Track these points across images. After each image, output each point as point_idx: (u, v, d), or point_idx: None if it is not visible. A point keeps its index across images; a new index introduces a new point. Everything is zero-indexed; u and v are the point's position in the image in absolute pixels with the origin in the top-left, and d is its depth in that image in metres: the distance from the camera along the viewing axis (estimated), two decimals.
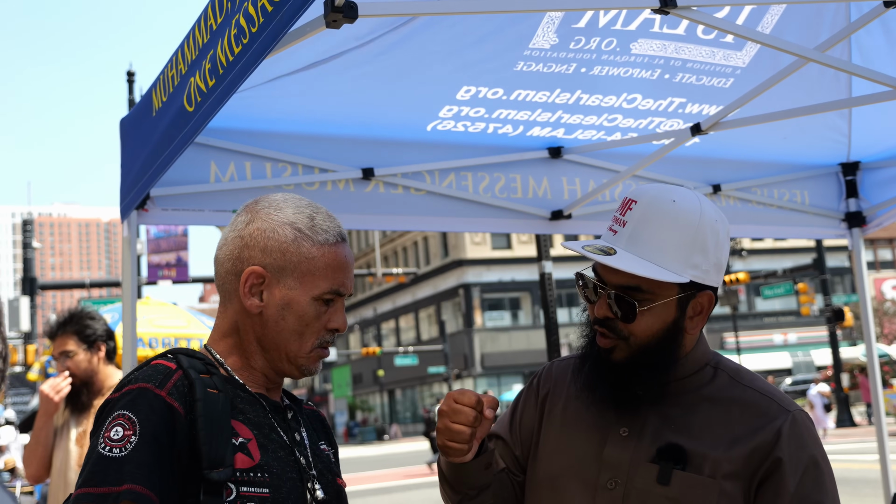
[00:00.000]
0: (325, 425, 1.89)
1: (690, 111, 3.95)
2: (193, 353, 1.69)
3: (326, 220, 1.74)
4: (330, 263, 1.70)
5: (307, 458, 1.70)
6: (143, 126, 3.01)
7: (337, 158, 3.88)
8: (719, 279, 1.89)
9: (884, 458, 4.43)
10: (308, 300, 1.68)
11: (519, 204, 4.23)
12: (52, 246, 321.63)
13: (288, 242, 1.69)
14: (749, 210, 4.60)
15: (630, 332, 1.83)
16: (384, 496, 19.31)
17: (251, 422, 1.65)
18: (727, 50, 3.61)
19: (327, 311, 1.71)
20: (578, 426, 1.95)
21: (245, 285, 1.68)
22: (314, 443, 1.77)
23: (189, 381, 1.59)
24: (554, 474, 1.96)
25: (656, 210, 1.82)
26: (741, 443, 1.80)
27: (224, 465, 1.55)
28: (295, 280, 1.68)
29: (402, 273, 33.05)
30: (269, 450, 1.64)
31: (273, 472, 1.61)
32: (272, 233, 1.69)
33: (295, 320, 1.68)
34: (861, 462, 17.46)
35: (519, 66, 3.47)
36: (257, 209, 1.73)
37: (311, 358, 1.72)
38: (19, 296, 27.22)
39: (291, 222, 1.70)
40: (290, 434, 1.70)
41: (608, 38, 3.39)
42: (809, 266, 33.24)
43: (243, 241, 1.70)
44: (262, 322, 1.69)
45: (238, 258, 1.70)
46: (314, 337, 1.71)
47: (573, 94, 3.71)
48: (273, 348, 1.70)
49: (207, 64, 2.34)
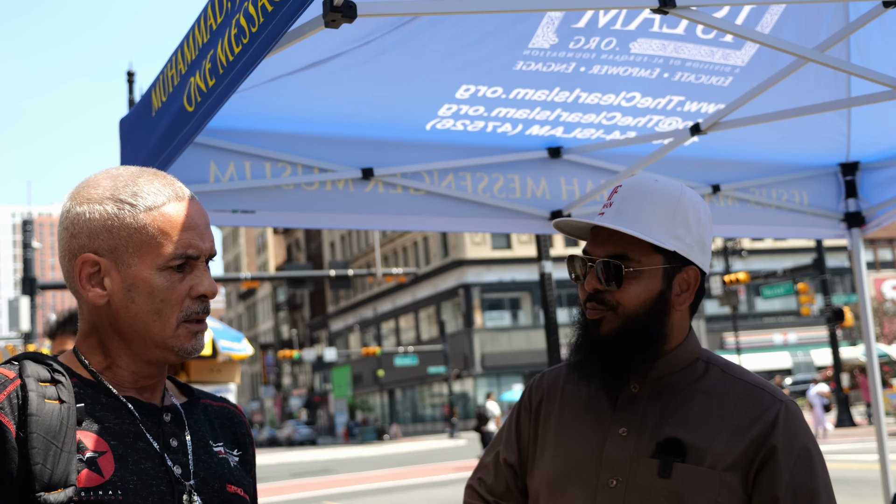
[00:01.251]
0: (233, 424, 1.70)
1: (689, 109, 3.95)
2: (43, 357, 1.51)
3: (152, 181, 1.54)
4: (165, 227, 1.50)
5: (185, 467, 1.51)
6: (143, 126, 3.01)
7: (336, 158, 3.89)
8: (705, 260, 1.95)
9: (884, 458, 4.43)
10: (153, 273, 1.49)
11: (518, 204, 4.23)
12: (52, 246, 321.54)
13: (111, 218, 1.50)
14: (748, 210, 4.60)
15: (618, 301, 1.88)
16: (384, 496, 19.32)
17: (110, 431, 1.46)
18: (726, 49, 3.61)
19: (184, 278, 1.52)
20: (576, 428, 1.97)
21: (81, 278, 1.50)
22: (203, 447, 1.58)
23: (24, 394, 1.40)
24: (553, 478, 1.97)
25: (639, 187, 1.95)
26: (738, 433, 1.83)
27: (66, 486, 1.36)
28: (131, 256, 1.49)
29: (402, 273, 33.03)
30: (130, 461, 1.45)
31: (129, 488, 1.42)
32: (92, 213, 1.50)
33: (146, 299, 1.49)
34: (861, 462, 17.46)
35: (518, 66, 3.47)
36: (76, 193, 1.54)
37: (181, 335, 1.52)
38: (19, 296, 27.22)
39: (111, 195, 1.51)
40: (164, 440, 1.51)
41: (608, 38, 3.40)
42: (809, 266, 33.25)
43: (69, 233, 1.52)
44: (113, 312, 1.50)
45: (70, 251, 1.52)
46: (176, 311, 1.51)
47: (572, 93, 3.71)
48: (135, 337, 1.51)
49: (207, 64, 2.34)
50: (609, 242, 1.90)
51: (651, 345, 1.89)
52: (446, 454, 33.05)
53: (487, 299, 55.42)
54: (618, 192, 1.95)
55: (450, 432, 48.91)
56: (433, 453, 34.74)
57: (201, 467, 1.54)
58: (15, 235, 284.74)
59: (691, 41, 3.53)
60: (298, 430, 69.63)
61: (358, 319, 69.83)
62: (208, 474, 1.54)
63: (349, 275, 29.41)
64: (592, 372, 1.92)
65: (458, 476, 22.30)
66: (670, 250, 1.89)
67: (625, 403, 1.92)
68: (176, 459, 1.51)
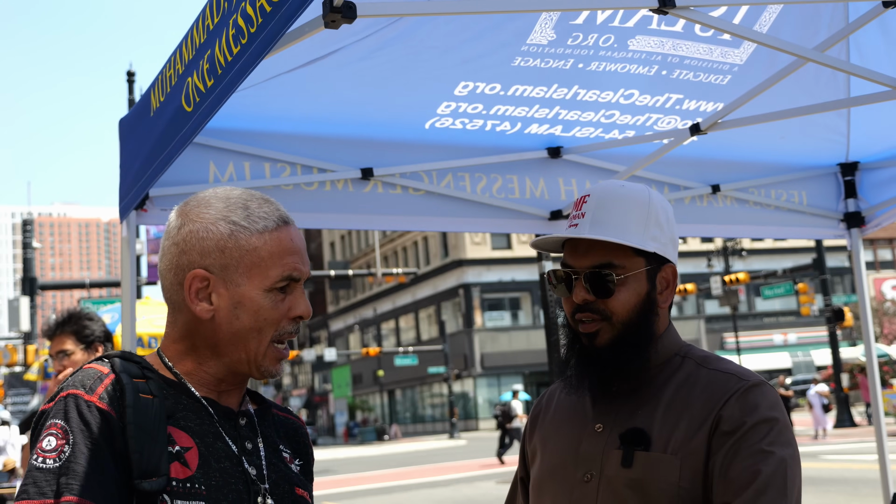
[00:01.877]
0: (297, 434, 1.78)
1: (688, 108, 3.95)
2: (130, 356, 1.61)
3: (262, 205, 1.62)
4: (275, 250, 1.59)
5: (259, 469, 1.60)
6: (142, 126, 3.01)
7: (336, 158, 3.89)
8: (675, 255, 2.00)
9: (883, 458, 4.43)
10: (260, 293, 1.57)
11: (518, 204, 4.23)
12: (52, 246, 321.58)
13: (224, 238, 1.58)
14: (748, 210, 4.60)
15: (611, 310, 1.90)
16: (384, 496, 19.31)
17: (192, 430, 1.55)
18: (725, 47, 3.61)
19: (285, 299, 1.60)
20: (561, 431, 2.02)
21: (190, 292, 1.58)
22: (274, 451, 1.66)
23: (121, 386, 1.51)
24: (539, 479, 2.03)
25: (608, 195, 1.96)
26: (699, 417, 1.85)
27: (158, 475, 1.46)
28: (241, 276, 1.57)
29: (402, 273, 33.05)
30: (211, 460, 1.54)
31: (212, 484, 1.51)
32: (206, 232, 1.58)
33: (250, 318, 1.57)
34: (861, 462, 17.45)
35: (516, 62, 3.47)
36: (187, 211, 1.62)
37: (269, 356, 1.60)
38: (19, 296, 27.23)
39: (224, 216, 1.59)
40: (240, 443, 1.60)
41: (606, 35, 3.40)
42: (809, 266, 33.26)
43: (179, 248, 1.60)
44: (216, 326, 1.58)
45: (178, 266, 1.60)
46: (273, 330, 1.59)
47: (570, 90, 3.71)
48: (231, 351, 1.59)
49: (205, 64, 2.34)
50: (591, 252, 1.92)
51: (644, 346, 1.92)
52: (446, 454, 33.04)
53: (487, 299, 55.41)
54: (587, 202, 1.96)
55: (450, 432, 48.90)
56: (433, 453, 34.73)
57: (273, 470, 1.62)
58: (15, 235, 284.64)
59: (690, 38, 3.53)
60: None
61: (358, 319, 69.82)
62: (279, 477, 1.63)
63: (349, 275, 29.44)
64: (585, 382, 1.94)
65: (458, 476, 22.30)
66: (650, 252, 1.92)
67: (602, 402, 1.96)
68: (251, 461, 1.59)
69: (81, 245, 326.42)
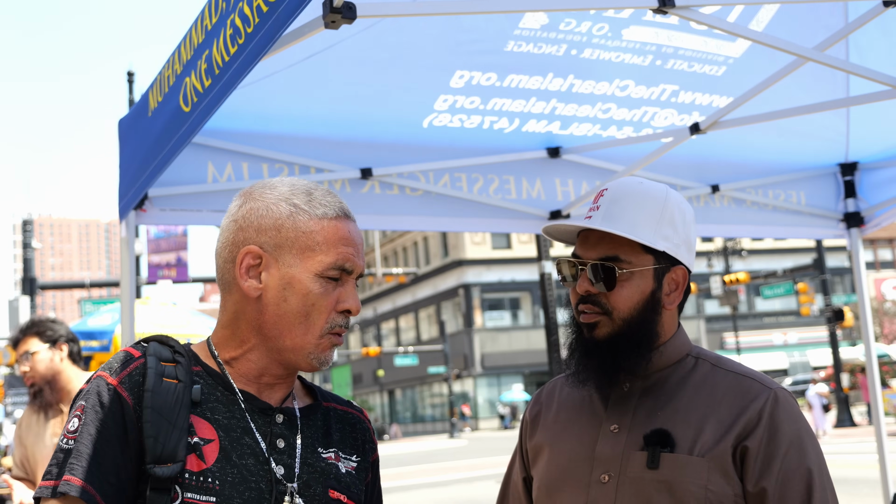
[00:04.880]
0: (355, 430, 1.73)
1: (683, 101, 3.94)
2: (167, 339, 1.59)
3: (326, 195, 1.62)
4: (331, 237, 1.57)
5: (290, 468, 1.55)
6: (141, 126, 3.01)
7: (334, 158, 3.89)
8: (691, 259, 1.98)
9: (883, 458, 4.43)
10: (311, 277, 1.55)
11: (517, 204, 4.23)
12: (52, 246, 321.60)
13: (283, 218, 1.57)
14: (747, 210, 4.60)
15: (612, 305, 1.90)
16: (384, 496, 19.27)
17: (219, 422, 1.52)
18: (720, 40, 3.62)
19: (335, 290, 1.57)
20: (570, 430, 2.00)
21: (241, 267, 1.56)
22: (312, 451, 1.61)
23: (145, 370, 1.50)
24: (549, 479, 2.00)
25: (625, 190, 1.96)
26: (726, 421, 1.85)
27: (174, 461, 1.44)
28: (294, 257, 1.55)
29: (402, 273, 33.02)
30: (233, 455, 1.50)
31: (227, 481, 1.48)
32: (266, 210, 1.58)
33: (298, 300, 1.54)
34: (861, 462, 17.45)
35: (510, 46, 3.45)
36: (251, 191, 1.63)
37: (322, 345, 1.56)
38: (19, 296, 27.28)
39: (287, 198, 1.59)
40: (272, 440, 1.56)
41: (600, 24, 3.40)
42: (809, 266, 33.22)
43: (237, 225, 1.59)
44: (262, 307, 1.56)
45: (233, 243, 1.59)
46: (322, 319, 1.55)
47: (566, 80, 3.70)
48: (276, 336, 1.56)
49: (203, 64, 2.33)
50: (600, 245, 1.92)
51: (645, 345, 1.91)
52: (446, 454, 33.04)
53: (487, 299, 55.40)
54: (604, 195, 1.97)
55: (450, 432, 48.91)
56: (433, 453, 34.73)
57: (306, 470, 1.57)
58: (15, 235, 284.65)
59: (685, 30, 3.53)
60: None
61: (358, 319, 69.81)
62: (312, 478, 1.57)
63: None
64: (588, 375, 1.93)
65: (458, 476, 22.30)
66: (660, 251, 1.91)
67: (616, 401, 1.94)
68: (280, 460, 1.55)
69: (81, 245, 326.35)
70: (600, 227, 1.90)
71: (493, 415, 54.78)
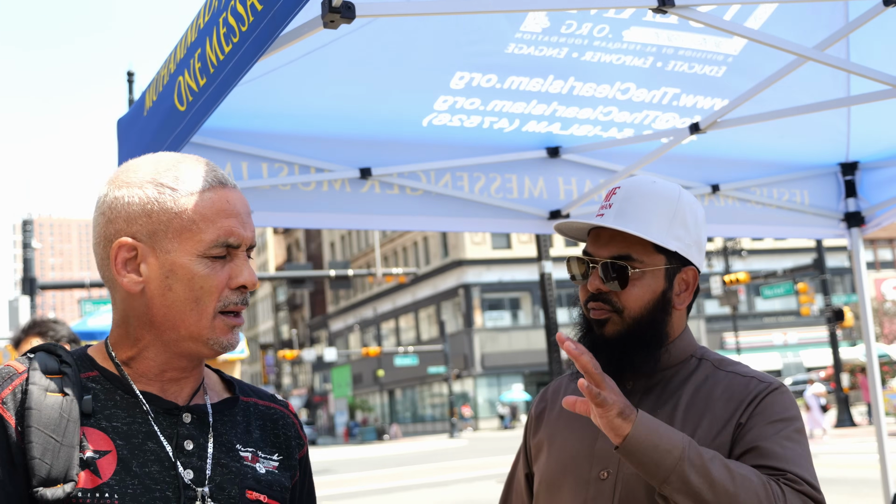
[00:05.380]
0: (277, 426, 1.61)
1: (685, 104, 3.94)
2: (54, 348, 1.47)
3: (196, 166, 1.49)
4: (207, 212, 1.45)
5: (200, 471, 1.44)
6: (138, 126, 3.00)
7: (334, 158, 3.87)
8: (701, 259, 1.99)
9: (884, 458, 4.42)
10: (193, 259, 1.43)
11: (516, 204, 4.22)
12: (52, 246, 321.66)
13: (151, 201, 1.44)
14: (748, 210, 4.59)
15: (623, 304, 1.90)
16: (384, 496, 19.31)
17: (118, 430, 1.41)
18: (718, 37, 3.61)
19: (224, 267, 1.46)
20: (572, 428, 2.00)
21: (117, 262, 1.44)
22: (226, 451, 1.50)
23: (27, 387, 1.37)
24: (551, 476, 2.01)
25: (638, 189, 1.96)
26: (721, 418, 1.86)
27: (65, 481, 1.32)
28: (171, 241, 1.43)
29: (402, 273, 32.99)
30: (133, 465, 1.39)
31: (127, 493, 1.36)
32: (132, 197, 1.45)
33: (184, 287, 1.43)
34: (861, 462, 17.45)
35: (510, 49, 3.45)
36: (115, 178, 1.49)
37: (218, 327, 1.46)
38: (19, 296, 27.28)
39: (151, 179, 1.46)
40: (178, 442, 1.44)
41: (600, 25, 3.39)
42: (809, 266, 33.23)
43: (105, 217, 1.47)
44: (148, 300, 1.44)
45: (105, 237, 1.46)
46: (214, 300, 1.45)
47: (566, 82, 3.69)
48: (168, 328, 1.45)
49: (197, 63, 2.32)
50: (612, 243, 1.92)
51: (655, 344, 1.91)
52: (446, 454, 33.04)
53: (487, 299, 55.40)
54: (616, 193, 1.96)
55: (450, 432, 48.91)
56: (433, 453, 34.73)
57: (219, 472, 1.47)
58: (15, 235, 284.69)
59: (684, 29, 3.53)
60: None
61: (358, 319, 69.82)
62: (226, 480, 1.47)
63: (349, 275, 29.38)
64: None
65: (458, 476, 22.29)
66: (671, 250, 1.91)
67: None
68: (189, 463, 1.44)
69: (81, 245, 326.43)
70: (613, 226, 1.89)
71: (493, 415, 54.80)
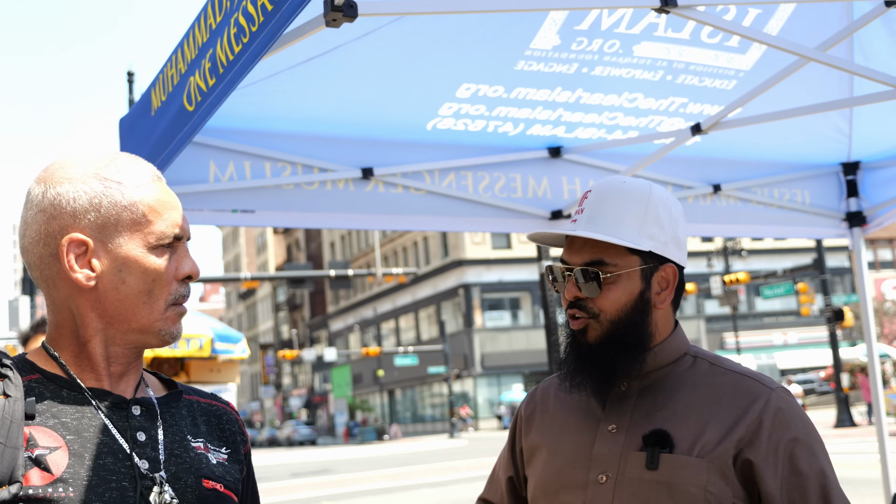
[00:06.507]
0: (221, 422, 1.63)
1: (692, 111, 3.94)
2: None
3: (133, 161, 1.51)
4: (156, 205, 1.47)
5: (155, 461, 1.45)
6: (143, 126, 3.00)
7: (336, 158, 3.88)
8: (681, 255, 1.96)
9: (884, 458, 4.42)
10: (145, 251, 1.45)
11: (518, 204, 4.22)
12: None
13: (98, 195, 1.44)
14: (749, 210, 4.59)
15: (599, 308, 1.89)
16: (384, 496, 19.31)
17: (68, 426, 1.41)
18: (731, 53, 3.61)
19: (172, 259, 1.48)
20: (567, 432, 1.99)
21: (67, 259, 1.43)
22: (178, 441, 1.51)
23: None
24: (547, 481, 1.99)
25: (608, 191, 1.95)
26: (727, 422, 1.84)
27: (11, 482, 1.32)
28: (122, 234, 1.45)
29: (402, 273, 32.99)
30: (87, 457, 1.39)
31: (83, 485, 1.37)
32: (76, 192, 1.44)
33: (138, 279, 1.45)
34: (861, 462, 17.45)
35: (520, 66, 3.47)
36: (51, 175, 1.48)
37: (169, 318, 1.48)
38: (19, 296, 27.27)
39: (95, 173, 1.46)
40: (131, 434, 1.45)
41: (611, 41, 3.39)
42: (809, 266, 33.23)
43: (47, 215, 1.45)
44: (100, 294, 1.45)
45: (48, 235, 1.45)
46: (166, 292, 1.47)
47: (574, 93, 3.71)
48: (121, 320, 1.46)
49: (207, 63, 2.33)
50: (584, 249, 1.91)
51: (638, 346, 1.90)
52: (446, 454, 33.05)
53: (487, 299, 55.42)
54: (588, 197, 1.95)
55: (450, 432, 48.92)
56: (433, 453, 34.74)
57: (173, 462, 1.48)
58: (15, 235, 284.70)
59: (696, 45, 3.52)
60: (298, 430, 69.57)
61: (358, 319, 69.83)
62: (181, 469, 1.48)
63: (349, 275, 29.38)
64: (584, 380, 1.92)
65: (458, 476, 22.30)
66: (645, 250, 1.90)
67: (614, 402, 1.93)
68: (143, 454, 1.45)
69: None
70: (581, 234, 1.88)
71: (492, 415, 54.80)
